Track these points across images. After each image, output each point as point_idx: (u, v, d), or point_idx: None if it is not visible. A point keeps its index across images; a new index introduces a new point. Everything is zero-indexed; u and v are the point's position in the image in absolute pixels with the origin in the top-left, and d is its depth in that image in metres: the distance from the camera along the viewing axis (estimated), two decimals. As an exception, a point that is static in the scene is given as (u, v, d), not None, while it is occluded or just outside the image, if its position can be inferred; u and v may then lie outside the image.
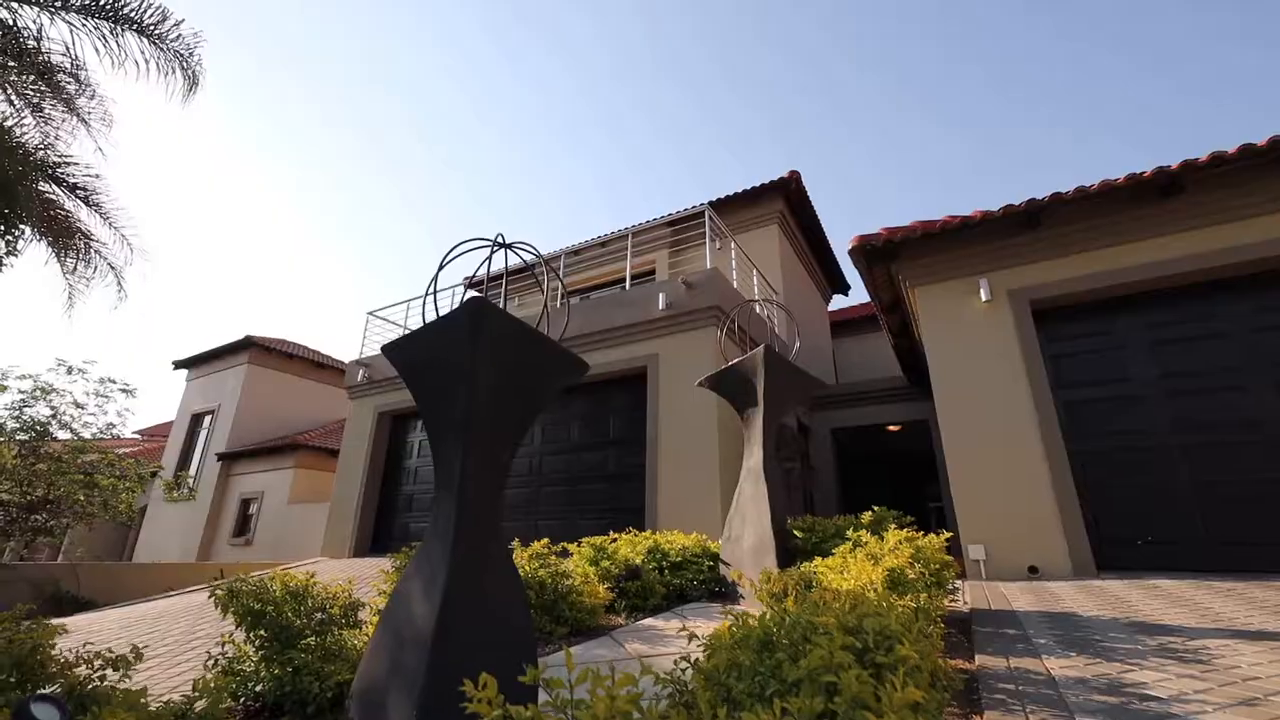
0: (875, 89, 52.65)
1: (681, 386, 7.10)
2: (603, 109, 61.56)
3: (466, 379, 1.65)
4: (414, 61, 55.98)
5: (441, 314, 2.55)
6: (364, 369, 10.43)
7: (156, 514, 15.74)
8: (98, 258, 7.86)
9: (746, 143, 69.92)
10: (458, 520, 1.59)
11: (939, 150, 64.48)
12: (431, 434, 1.86)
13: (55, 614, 8.01)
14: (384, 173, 71.67)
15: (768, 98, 59.08)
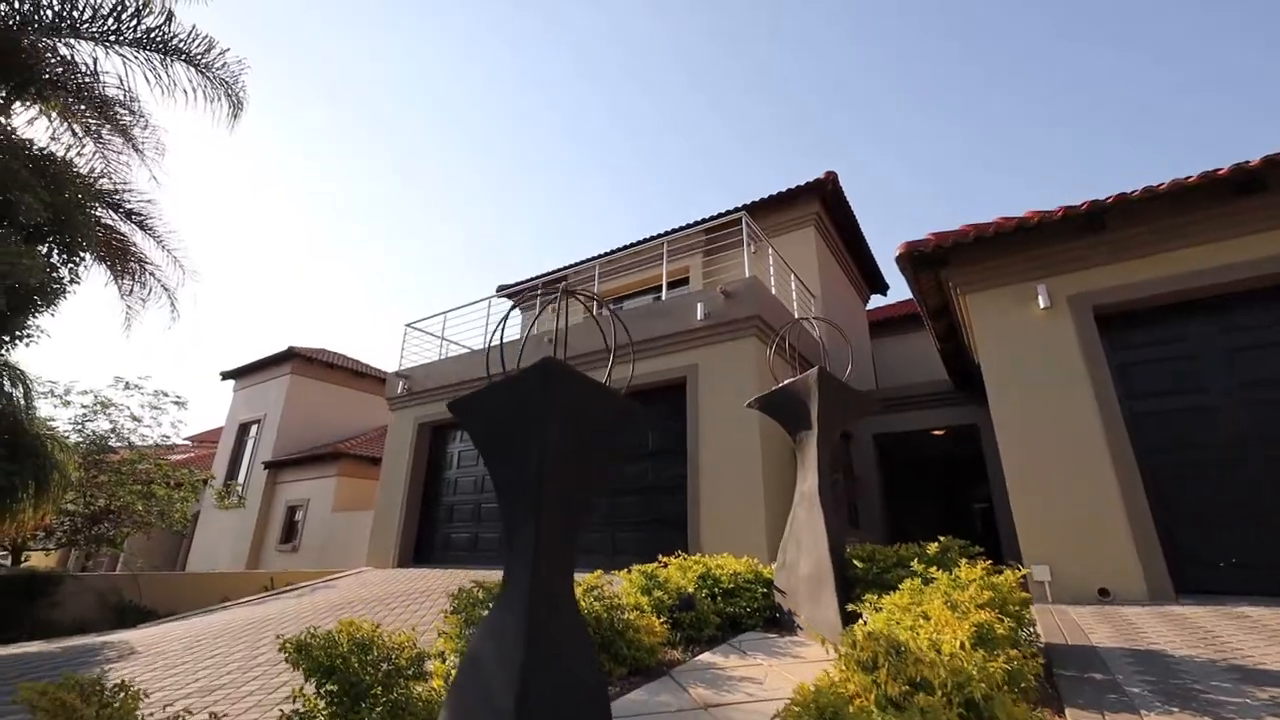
0: (885, 88, 51.36)
1: (722, 397, 7.00)
2: (618, 112, 61.58)
3: (537, 441, 1.60)
4: (434, 67, 56.91)
5: (493, 342, 2.51)
6: (404, 381, 10.59)
7: (208, 520, 16.32)
8: (152, 280, 8.15)
9: (763, 144, 69.08)
10: (531, 591, 1.54)
11: (949, 148, 62.56)
12: (501, 493, 1.81)
13: (119, 624, 8.36)
14: (413, 182, 73.15)
15: (781, 94, 58.22)
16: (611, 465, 1.92)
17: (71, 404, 12.08)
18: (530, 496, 1.63)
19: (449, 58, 56.27)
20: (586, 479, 1.78)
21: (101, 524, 11.42)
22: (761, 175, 77.36)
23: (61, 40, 6.91)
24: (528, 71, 57.69)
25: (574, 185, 77.13)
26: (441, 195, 76.54)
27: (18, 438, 6.62)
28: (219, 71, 7.49)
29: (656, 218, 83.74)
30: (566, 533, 1.70)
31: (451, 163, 70.16)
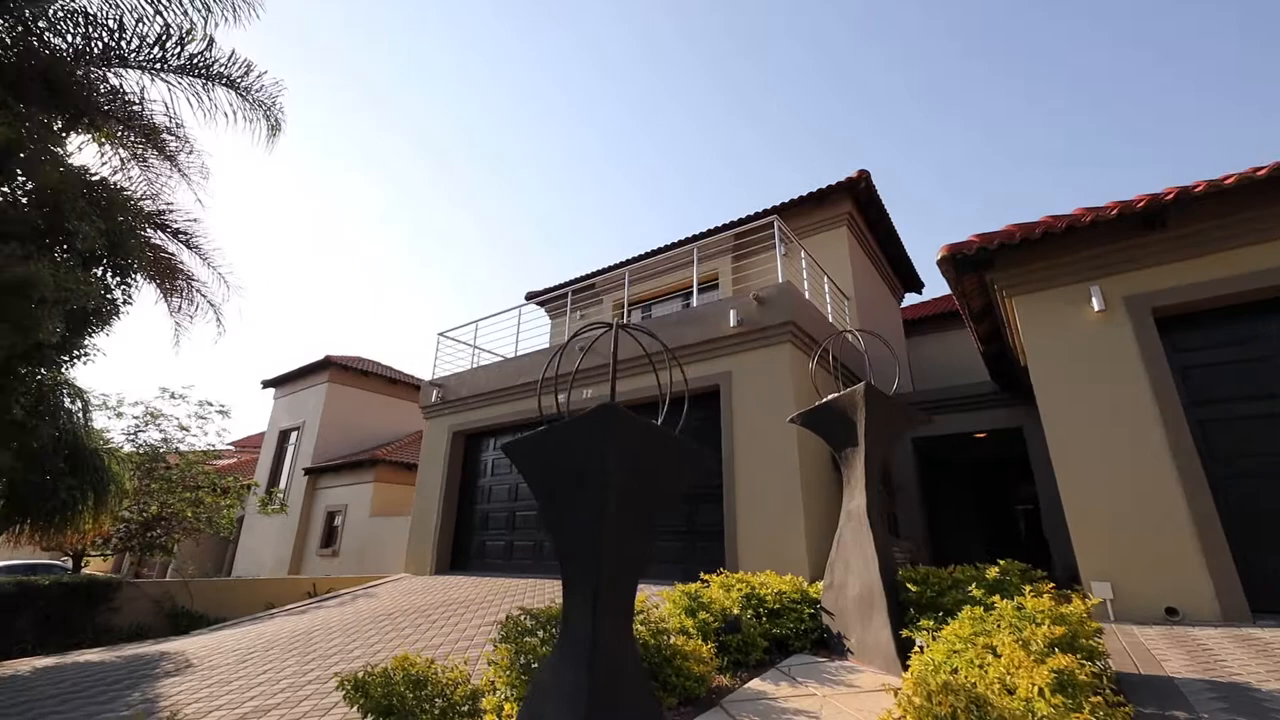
0: (902, 86, 50.07)
1: (757, 405, 6.89)
2: (642, 117, 61.49)
3: (596, 490, 1.56)
4: (463, 74, 57.72)
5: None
6: (437, 389, 10.74)
7: (252, 526, 16.84)
8: (199, 296, 8.42)
9: (778, 146, 68.13)
10: (594, 648, 1.49)
11: (965, 148, 60.62)
12: (556, 536, 1.78)
13: (174, 629, 8.67)
14: (444, 191, 74.31)
15: (799, 96, 57.33)
16: (674, 498, 1.86)
17: (124, 415, 12.61)
18: (589, 548, 1.59)
19: (477, 63, 57.01)
20: (646, 523, 1.73)
21: (154, 530, 11.89)
22: (778, 177, 76.40)
23: (111, 70, 7.17)
24: (556, 79, 58.08)
25: (600, 190, 77.36)
26: (473, 205, 77.59)
27: (77, 452, 6.91)
28: (257, 94, 7.69)
29: (679, 220, 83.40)
30: (628, 581, 1.66)
31: (481, 172, 71.04)
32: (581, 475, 1.59)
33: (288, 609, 8.36)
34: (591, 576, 1.56)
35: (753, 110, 59.16)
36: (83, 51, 6.90)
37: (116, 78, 7.31)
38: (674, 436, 1.80)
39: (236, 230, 67.66)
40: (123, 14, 7.03)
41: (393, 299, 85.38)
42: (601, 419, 1.58)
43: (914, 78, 50.52)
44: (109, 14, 6.97)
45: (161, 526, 11.99)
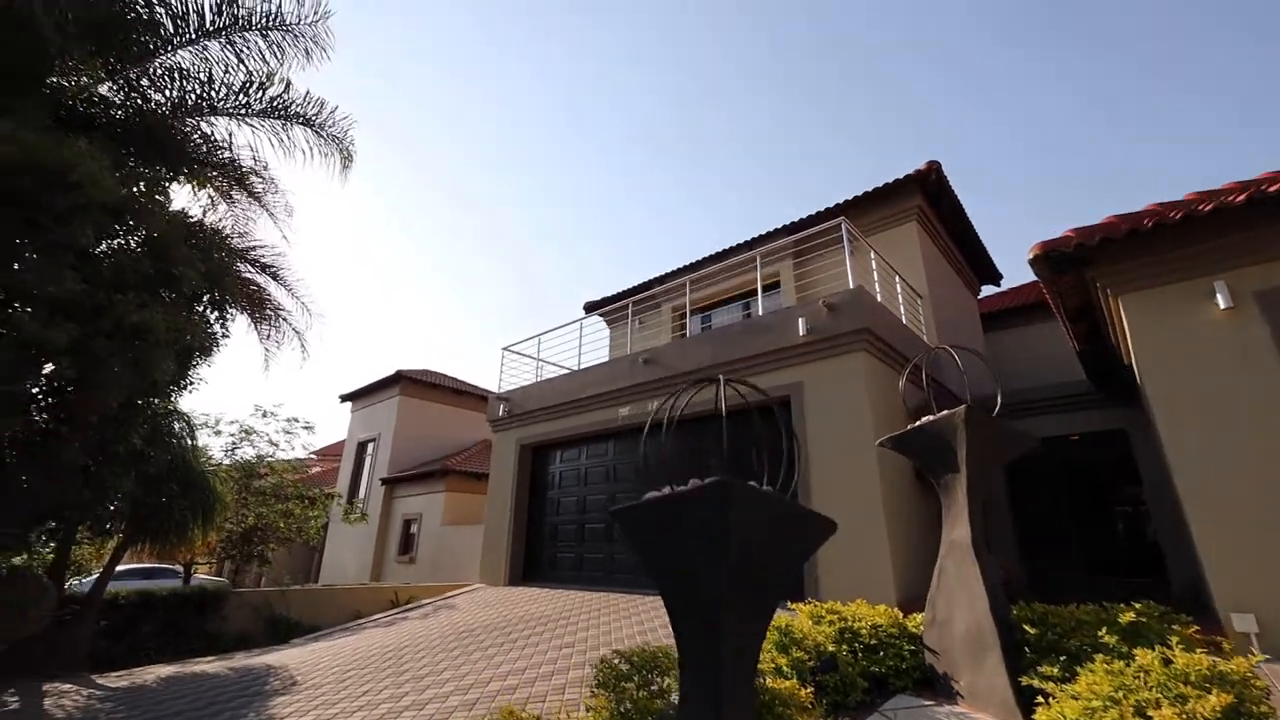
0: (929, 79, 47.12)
1: (832, 417, 6.63)
2: (678, 116, 61.02)
3: (713, 569, 1.48)
4: (516, 85, 59.09)
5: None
6: (504, 403, 10.98)
7: (336, 533, 17.81)
8: (285, 324, 8.95)
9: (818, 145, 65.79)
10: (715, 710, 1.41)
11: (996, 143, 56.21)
12: (670, 605, 1.71)
13: (274, 636, 9.24)
14: (506, 199, 76.43)
15: (832, 98, 55.17)
16: (796, 566, 1.77)
17: (222, 433, 13.61)
18: (706, 625, 1.51)
19: (524, 71, 58.30)
20: (768, 597, 1.64)
21: (251, 541, 12.77)
22: (815, 176, 73.98)
23: (203, 119, 7.72)
24: (603, 86, 58.62)
25: (652, 196, 77.43)
26: (534, 212, 79.41)
27: (187, 475, 7.48)
28: (330, 129, 8.09)
29: (734, 222, 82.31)
30: (748, 663, 1.57)
31: (539, 181, 72.59)
32: (697, 551, 1.51)
33: (375, 619, 8.75)
34: (711, 657, 1.48)
35: (783, 108, 57.66)
36: (179, 104, 7.45)
37: (208, 125, 7.86)
38: (797, 507, 1.69)
39: (311, 248, 72.03)
40: (211, 66, 7.55)
41: (457, 307, 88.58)
42: (720, 495, 1.50)
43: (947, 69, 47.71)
44: (200, 68, 7.51)
45: (258, 537, 12.86)
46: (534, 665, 4.76)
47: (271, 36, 7.82)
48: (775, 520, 1.63)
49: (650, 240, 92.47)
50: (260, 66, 7.83)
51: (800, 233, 9.08)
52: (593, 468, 9.72)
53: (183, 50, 7.45)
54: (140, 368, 4.78)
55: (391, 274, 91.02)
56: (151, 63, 7.33)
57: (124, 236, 5.63)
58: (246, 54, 7.76)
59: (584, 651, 5.10)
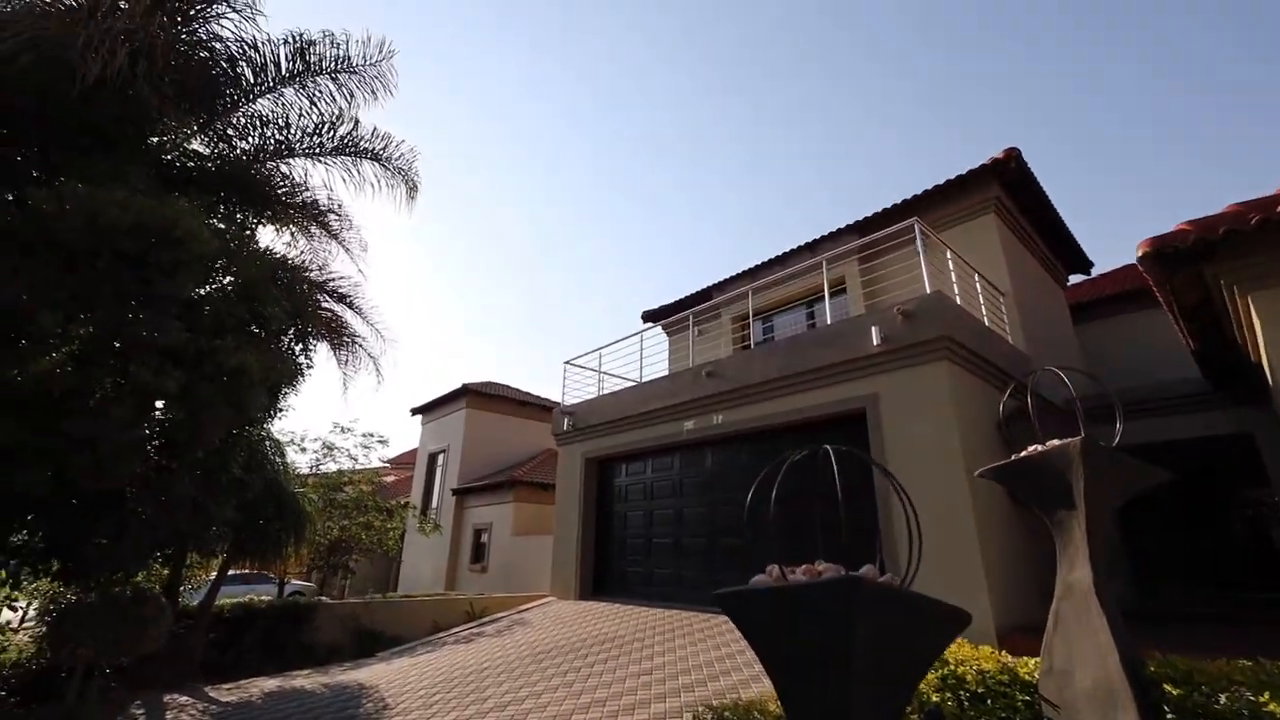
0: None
1: (913, 430, 6.28)
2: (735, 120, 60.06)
3: (837, 667, 1.35)
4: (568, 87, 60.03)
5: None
6: (568, 417, 11.09)
7: (412, 542, 18.58)
8: (361, 350, 9.38)
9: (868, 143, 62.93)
10: None
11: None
12: (788, 703, 1.59)
13: (360, 647, 9.69)
14: (569, 206, 77.98)
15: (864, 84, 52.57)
16: (924, 673, 1.61)
17: (306, 450, 14.49)
18: (832, 714, 1.38)
19: (588, 81, 59.18)
20: (898, 698, 1.50)
21: (337, 552, 13.51)
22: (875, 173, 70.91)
23: (282, 161, 8.19)
24: (652, 86, 58.72)
25: (711, 197, 76.89)
26: (589, 225, 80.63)
27: (280, 497, 7.94)
28: (396, 162, 8.42)
29: (789, 218, 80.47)
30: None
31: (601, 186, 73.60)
32: (817, 652, 1.39)
33: (454, 632, 9.02)
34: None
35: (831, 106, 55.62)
36: (260, 150, 7.93)
37: (286, 167, 8.34)
38: (934, 604, 1.55)
39: (378, 266, 75.93)
40: (288, 111, 8.01)
41: (520, 314, 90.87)
42: (844, 596, 1.38)
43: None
44: (278, 113, 7.97)
45: (342, 548, 13.59)
46: (614, 696, 4.72)
47: (340, 79, 8.20)
48: (906, 613, 1.49)
49: (704, 245, 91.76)
50: (331, 107, 8.23)
51: (867, 233, 8.71)
52: (658, 481, 9.65)
53: (262, 99, 7.92)
54: (239, 406, 5.07)
55: (457, 280, 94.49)
56: (236, 113, 7.84)
57: (219, 280, 6.03)
58: (318, 96, 8.17)
59: (663, 681, 5.03)
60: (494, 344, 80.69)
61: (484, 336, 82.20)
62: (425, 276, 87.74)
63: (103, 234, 4.19)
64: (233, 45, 7.56)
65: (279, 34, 7.67)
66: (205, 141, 7.63)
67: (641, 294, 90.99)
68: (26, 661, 6.67)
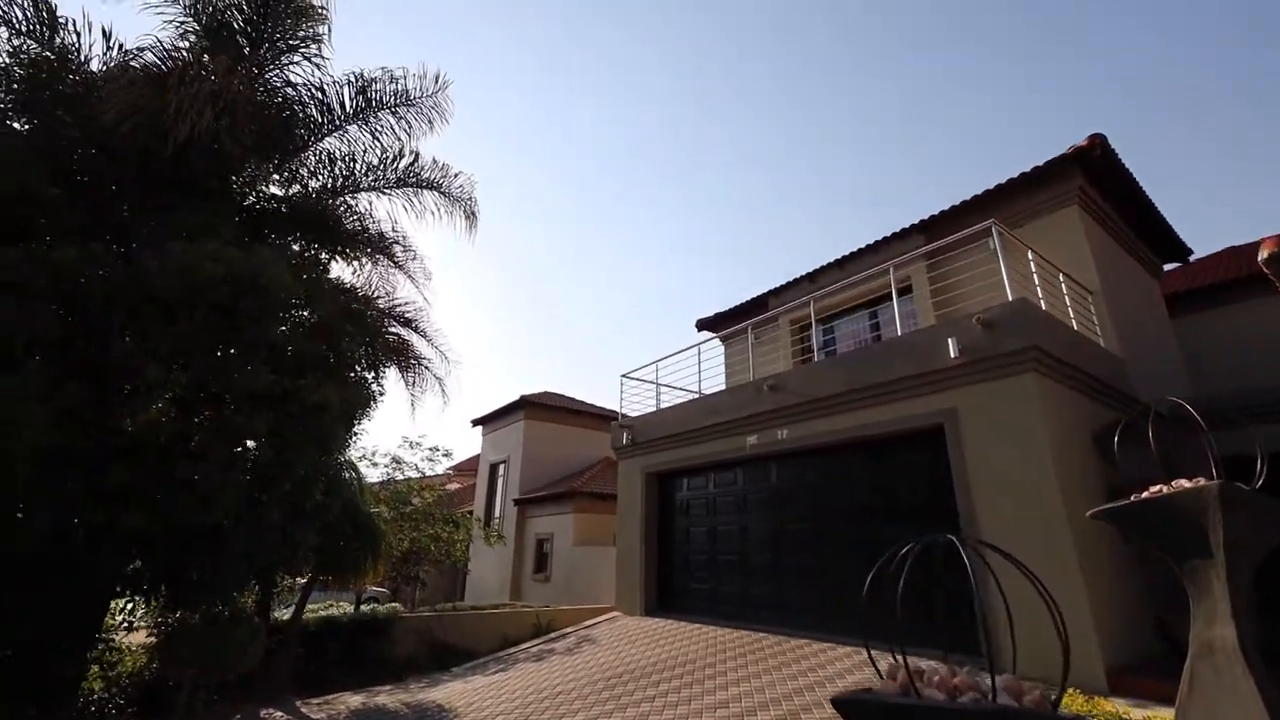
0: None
1: (999, 447, 5.88)
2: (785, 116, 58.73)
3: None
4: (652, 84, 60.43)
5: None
6: (627, 431, 11.08)
7: (477, 552, 19.07)
8: (426, 372, 9.68)
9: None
10: None
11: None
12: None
13: (434, 660, 9.99)
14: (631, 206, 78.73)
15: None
16: None
17: (377, 465, 15.12)
18: None
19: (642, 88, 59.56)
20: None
21: (408, 563, 14.00)
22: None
23: (349, 195, 8.56)
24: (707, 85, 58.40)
25: (771, 197, 75.84)
26: (653, 217, 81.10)
27: (357, 518, 8.29)
28: (455, 191, 8.65)
29: (846, 218, 78.20)
30: None
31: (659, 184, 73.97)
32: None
33: (524, 648, 9.17)
34: None
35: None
36: (328, 187, 8.32)
37: (353, 200, 8.71)
38: None
39: (440, 285, 78.69)
40: (353, 149, 8.36)
41: (570, 318, 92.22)
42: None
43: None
44: (344, 151, 8.34)
45: (412, 559, 14.08)
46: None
47: (399, 112, 8.50)
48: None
49: (759, 249, 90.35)
50: (392, 141, 8.54)
51: (933, 233, 8.28)
52: (721, 496, 9.49)
53: (330, 137, 8.31)
54: (321, 440, 5.30)
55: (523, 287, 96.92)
56: (306, 153, 8.25)
57: (298, 316, 6.34)
58: (380, 130, 8.50)
59: (741, 716, 4.89)
60: (554, 354, 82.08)
61: (546, 343, 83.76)
62: (490, 285, 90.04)
63: (198, 287, 4.46)
64: (302, 90, 7.98)
65: (341, 75, 8.03)
66: (280, 182, 8.07)
67: (695, 301, 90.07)
68: (140, 671, 7.24)
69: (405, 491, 14.48)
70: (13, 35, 6.18)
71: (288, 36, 7.68)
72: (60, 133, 5.25)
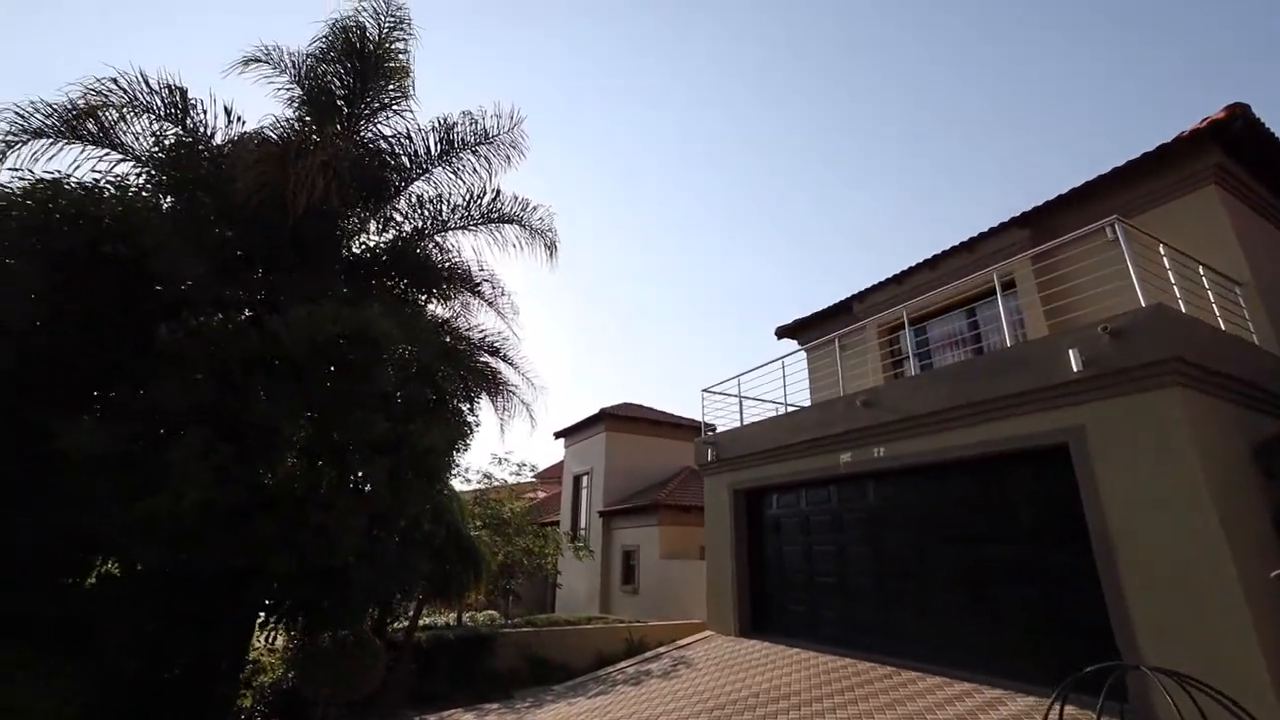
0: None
1: (1138, 469, 5.28)
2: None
3: None
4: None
5: None
6: (711, 447, 10.95)
7: (566, 563, 19.57)
8: (514, 399, 10.05)
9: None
10: None
11: None
12: None
13: (534, 674, 10.33)
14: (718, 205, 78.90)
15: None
16: None
17: (470, 481, 15.92)
18: None
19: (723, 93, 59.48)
20: None
21: (502, 578, 14.60)
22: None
23: (438, 236, 9.03)
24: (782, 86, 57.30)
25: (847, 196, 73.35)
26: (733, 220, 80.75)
27: (460, 542, 8.72)
28: (535, 223, 8.94)
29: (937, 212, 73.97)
30: None
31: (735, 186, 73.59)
32: None
33: (620, 668, 9.27)
34: None
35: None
36: (419, 229, 8.81)
37: (441, 239, 9.19)
38: None
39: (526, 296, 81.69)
40: (440, 190, 8.82)
41: (662, 330, 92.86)
42: None
43: None
44: (431, 194, 8.81)
45: (507, 573, 14.66)
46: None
47: (480, 150, 8.90)
48: None
49: (837, 249, 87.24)
50: (474, 179, 8.95)
51: (1037, 226, 7.61)
52: (815, 515, 9.18)
53: (418, 181, 8.82)
54: (431, 478, 5.61)
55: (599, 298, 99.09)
56: (398, 198, 8.79)
57: (402, 357, 6.75)
58: (462, 170, 8.93)
59: (859, 763, 4.67)
60: (634, 364, 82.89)
61: (625, 355, 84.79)
62: (568, 294, 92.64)
63: (319, 346, 4.84)
64: (393, 141, 8.52)
65: (426, 122, 8.51)
66: (377, 229, 8.64)
67: (775, 302, 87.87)
68: (277, 682, 7.95)
69: (498, 507, 15.12)
70: (154, 120, 7.01)
71: (379, 95, 8.22)
72: (198, 210, 5.87)
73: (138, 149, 6.65)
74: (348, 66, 8.00)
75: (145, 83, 6.64)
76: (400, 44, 8.54)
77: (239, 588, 5.19)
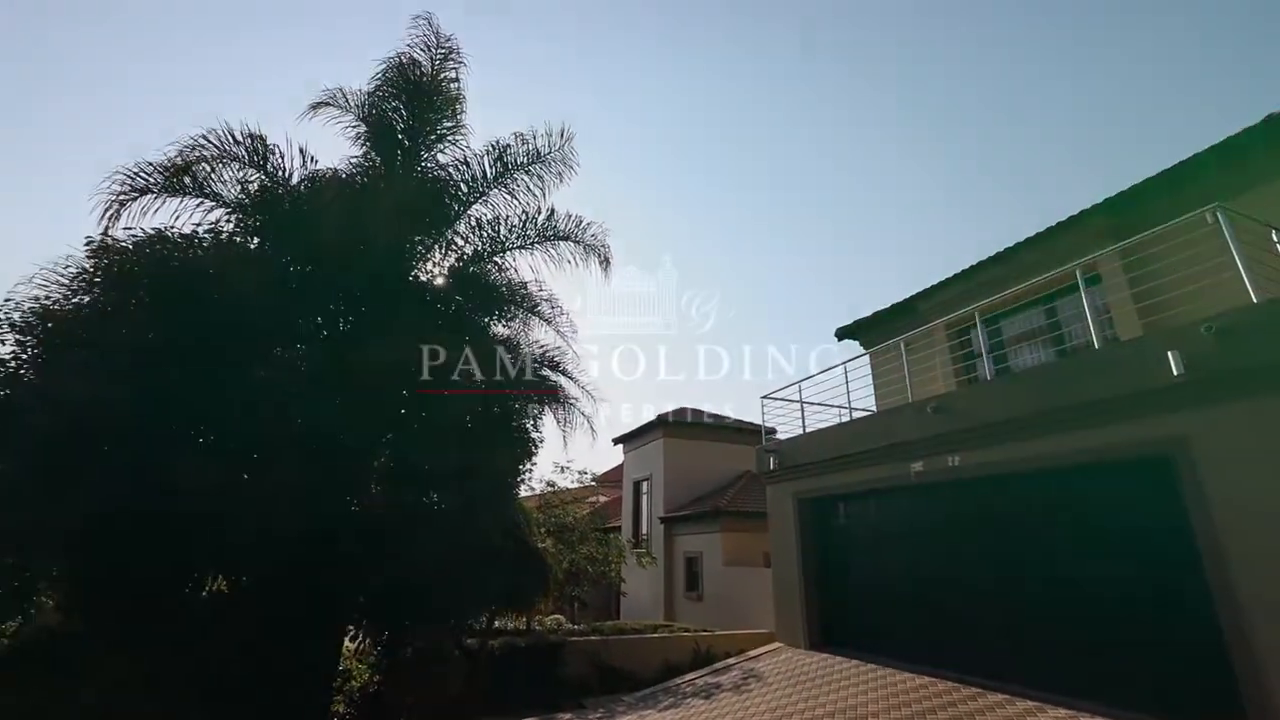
0: None
1: (1259, 481, 4.81)
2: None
3: None
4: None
5: None
6: (772, 455, 10.76)
7: (629, 569, 19.68)
8: (575, 411, 10.22)
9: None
10: None
11: None
12: None
13: (603, 682, 10.46)
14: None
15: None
16: None
17: (534, 489, 16.28)
18: None
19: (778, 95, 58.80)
20: None
21: (567, 585, 14.86)
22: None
23: (497, 257, 9.30)
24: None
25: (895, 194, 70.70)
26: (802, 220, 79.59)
27: (529, 554, 8.96)
28: (589, 240, 9.07)
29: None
30: None
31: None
32: None
33: (689, 680, 9.25)
34: None
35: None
36: (479, 252, 9.11)
37: (500, 260, 9.47)
38: None
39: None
40: (496, 212, 9.09)
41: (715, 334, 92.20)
42: None
43: None
44: (489, 217, 9.09)
45: (572, 580, 14.91)
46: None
47: (533, 170, 9.11)
48: None
49: (894, 255, 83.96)
50: (528, 199, 9.18)
51: (1120, 216, 7.01)
52: (884, 525, 8.86)
53: (475, 204, 9.11)
54: (501, 498, 5.79)
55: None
56: (459, 222, 9.11)
57: (470, 384, 7.00)
58: (516, 190, 9.17)
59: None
60: (689, 365, 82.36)
61: (683, 356, 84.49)
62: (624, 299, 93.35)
63: (392, 374, 5.09)
64: (450, 169, 8.85)
65: (480, 146, 8.81)
66: (440, 254, 8.99)
67: (833, 300, 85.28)
68: (365, 687, 8.41)
69: (562, 515, 15.39)
70: (240, 168, 7.58)
71: (436, 125, 8.57)
72: (283, 251, 6.31)
73: (226, 196, 7.21)
74: (405, 100, 8.38)
75: (231, 135, 7.20)
76: (451, 73, 8.89)
77: (331, 603, 5.53)
